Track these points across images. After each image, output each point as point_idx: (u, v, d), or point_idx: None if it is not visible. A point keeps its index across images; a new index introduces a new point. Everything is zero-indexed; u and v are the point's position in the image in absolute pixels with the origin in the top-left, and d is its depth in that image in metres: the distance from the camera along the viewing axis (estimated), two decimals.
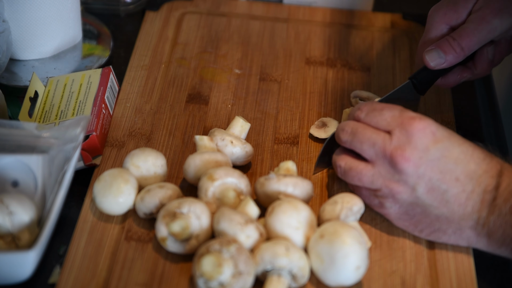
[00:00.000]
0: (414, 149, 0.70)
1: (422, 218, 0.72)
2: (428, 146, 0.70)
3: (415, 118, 0.71)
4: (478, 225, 0.70)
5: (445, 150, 0.71)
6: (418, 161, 0.70)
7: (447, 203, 0.71)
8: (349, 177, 0.74)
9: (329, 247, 0.67)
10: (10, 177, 0.76)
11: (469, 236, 0.72)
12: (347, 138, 0.74)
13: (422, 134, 0.71)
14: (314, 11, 1.05)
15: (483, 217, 0.70)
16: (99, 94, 0.85)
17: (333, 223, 0.69)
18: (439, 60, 0.80)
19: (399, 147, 0.71)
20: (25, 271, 0.68)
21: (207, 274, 0.66)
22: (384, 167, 0.72)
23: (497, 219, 0.69)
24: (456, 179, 0.70)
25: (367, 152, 0.72)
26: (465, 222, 0.71)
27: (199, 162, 0.76)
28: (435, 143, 0.71)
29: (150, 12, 1.03)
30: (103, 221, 0.75)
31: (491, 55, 0.83)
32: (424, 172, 0.70)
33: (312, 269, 0.69)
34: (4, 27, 0.89)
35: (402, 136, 0.71)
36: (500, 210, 0.69)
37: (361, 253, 0.68)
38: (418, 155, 0.70)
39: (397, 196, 0.72)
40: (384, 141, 0.72)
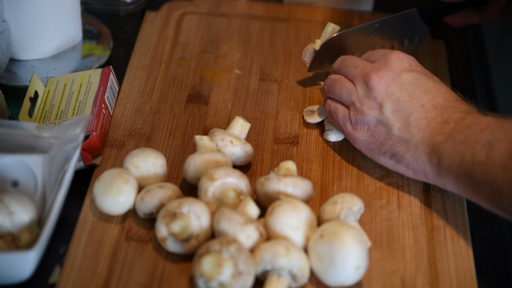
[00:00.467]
0: (389, 71, 0.77)
1: (385, 140, 0.76)
2: (402, 71, 0.77)
3: (398, 52, 0.78)
4: (433, 151, 0.73)
5: (417, 79, 0.77)
6: (389, 81, 0.77)
7: (408, 126, 0.75)
8: (332, 87, 0.81)
9: (329, 247, 0.67)
10: (10, 177, 0.76)
11: (424, 162, 0.74)
12: (337, 65, 0.83)
13: (400, 61, 0.77)
14: (314, 11, 1.05)
15: (438, 142, 0.73)
16: (99, 94, 0.85)
17: (333, 223, 0.69)
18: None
19: (376, 68, 0.78)
20: (25, 271, 0.68)
21: (207, 274, 0.66)
22: (361, 85, 0.78)
23: (449, 146, 0.72)
24: (422, 105, 0.75)
25: (350, 73, 0.80)
26: (421, 146, 0.74)
27: (199, 162, 0.76)
28: (409, 71, 0.77)
29: (150, 12, 1.03)
30: (103, 221, 0.75)
31: (504, 1, 0.85)
32: (393, 92, 0.76)
33: (312, 269, 0.69)
34: (4, 27, 0.89)
35: (382, 61, 0.78)
36: (454, 138, 0.72)
37: (361, 253, 0.68)
38: (391, 76, 0.77)
39: (366, 112, 0.77)
40: (366, 64, 0.80)
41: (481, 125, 0.71)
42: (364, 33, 0.88)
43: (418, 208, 0.78)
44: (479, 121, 0.71)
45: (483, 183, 0.69)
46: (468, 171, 0.70)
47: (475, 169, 0.69)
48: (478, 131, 0.70)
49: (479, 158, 0.69)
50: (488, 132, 0.70)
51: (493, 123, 0.70)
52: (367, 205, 0.78)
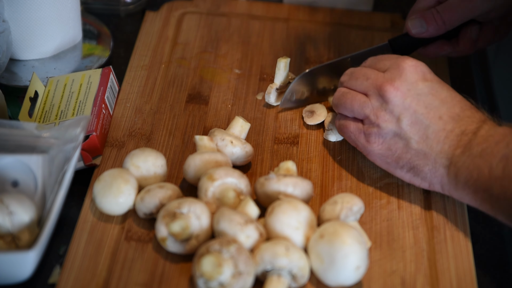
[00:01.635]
0: (404, 81, 0.75)
1: (403, 154, 0.75)
2: (418, 81, 0.75)
3: (409, 58, 0.77)
4: (451, 164, 0.73)
5: (432, 89, 0.75)
6: (406, 92, 0.75)
7: (427, 139, 0.74)
8: (343, 100, 0.78)
9: (329, 247, 0.67)
10: (10, 177, 0.76)
11: (442, 175, 0.74)
12: (346, 78, 0.80)
13: (414, 70, 0.75)
14: (314, 11, 1.05)
15: (456, 155, 0.72)
16: (99, 94, 0.85)
17: (333, 223, 0.69)
18: (420, 29, 0.84)
19: (390, 78, 0.75)
20: (25, 271, 0.68)
21: (207, 274, 0.66)
22: (375, 97, 0.76)
23: (467, 159, 0.71)
24: (439, 117, 0.74)
25: (361, 86, 0.78)
26: (440, 160, 0.73)
27: (199, 162, 0.76)
28: (424, 81, 0.75)
29: (150, 12, 1.03)
30: (103, 221, 0.75)
31: (474, 35, 0.86)
32: (410, 104, 0.74)
33: (312, 269, 0.69)
34: (4, 27, 0.89)
35: (395, 71, 0.76)
36: (471, 152, 0.71)
37: (361, 253, 0.68)
38: (406, 87, 0.75)
39: (382, 125, 0.75)
40: (378, 75, 0.77)
41: (496, 137, 0.70)
42: (336, 68, 0.86)
43: (418, 208, 0.78)
44: (494, 132, 0.71)
45: (500, 198, 0.69)
46: (485, 185, 0.70)
47: (492, 184, 0.69)
48: (493, 143, 0.70)
49: (496, 173, 0.69)
50: (503, 145, 0.69)
51: (508, 134, 0.70)
52: (367, 205, 0.78)
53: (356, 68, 0.80)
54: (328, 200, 0.74)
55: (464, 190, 0.72)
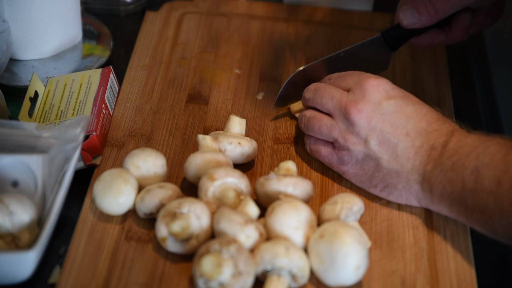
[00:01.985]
0: (367, 102, 0.75)
1: (375, 173, 0.75)
2: (381, 101, 0.75)
3: (371, 77, 0.76)
4: (424, 180, 0.73)
5: (397, 106, 0.75)
6: (370, 113, 0.75)
7: (397, 157, 0.74)
8: (311, 125, 0.79)
9: (329, 247, 0.67)
10: (10, 177, 0.76)
11: (417, 191, 0.74)
12: (310, 95, 0.80)
13: (376, 89, 0.75)
14: (314, 11, 1.05)
15: (428, 171, 0.72)
16: (99, 94, 0.85)
17: (333, 223, 0.69)
18: (412, 19, 0.83)
19: (353, 100, 0.75)
20: (25, 271, 0.68)
21: (207, 274, 0.66)
22: (341, 119, 0.76)
23: (439, 174, 0.71)
24: (407, 134, 0.74)
25: (326, 106, 0.78)
26: (412, 176, 0.73)
27: (200, 161, 0.76)
28: (387, 99, 0.75)
29: (150, 12, 1.03)
30: (103, 221, 0.75)
31: (467, 22, 0.85)
32: (376, 125, 0.74)
33: (312, 269, 0.69)
34: (4, 27, 0.89)
35: (357, 91, 0.76)
36: (442, 165, 0.71)
37: (361, 253, 0.68)
38: (370, 108, 0.75)
39: (351, 148, 0.76)
40: (342, 95, 0.77)
41: (466, 149, 0.70)
42: (329, 64, 0.86)
43: (418, 208, 0.78)
44: (463, 143, 0.71)
45: (475, 210, 0.69)
46: (460, 198, 0.70)
47: (466, 196, 0.69)
48: (464, 156, 0.70)
49: (469, 185, 0.69)
50: (473, 156, 0.69)
51: (478, 145, 0.70)
52: (367, 205, 0.78)
53: (321, 84, 0.80)
54: (328, 200, 0.74)
55: (440, 204, 0.73)
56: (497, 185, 0.67)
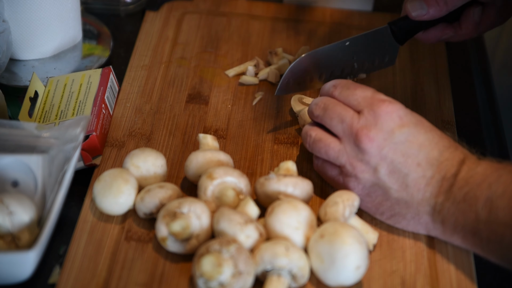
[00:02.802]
0: (380, 130, 0.72)
1: (383, 201, 0.73)
2: (394, 129, 0.72)
3: (385, 101, 0.73)
4: (435, 212, 0.71)
5: (410, 135, 0.72)
6: (382, 142, 0.72)
7: (407, 187, 0.72)
8: (317, 148, 0.76)
9: (329, 247, 0.67)
10: (10, 177, 0.76)
11: (427, 222, 0.72)
12: (319, 112, 0.76)
13: (389, 117, 0.72)
14: (314, 11, 1.05)
15: (439, 203, 0.71)
16: (99, 94, 0.85)
17: (333, 223, 0.69)
18: (421, 11, 0.81)
19: (365, 126, 0.72)
20: (25, 271, 0.68)
21: (207, 274, 0.66)
22: (350, 145, 0.73)
23: (451, 206, 0.70)
24: (418, 164, 0.71)
25: (336, 128, 0.74)
26: (422, 207, 0.72)
27: (201, 160, 0.76)
28: (400, 127, 0.72)
29: (150, 12, 1.03)
30: (103, 221, 0.75)
31: (477, 17, 0.83)
32: (387, 154, 0.72)
33: (312, 269, 0.69)
34: (4, 27, 0.89)
35: (370, 117, 0.73)
36: (454, 197, 0.70)
37: (361, 253, 0.68)
38: (382, 136, 0.72)
39: (359, 175, 0.73)
40: (352, 119, 0.73)
41: (477, 178, 0.69)
42: (334, 52, 0.84)
43: None
44: (474, 173, 0.69)
45: (490, 241, 0.68)
46: (474, 230, 0.69)
47: (481, 228, 0.68)
48: (475, 186, 0.68)
49: (483, 217, 0.67)
50: (486, 186, 0.68)
51: (489, 174, 0.69)
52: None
53: (330, 102, 0.76)
54: (326, 202, 0.74)
55: (452, 236, 0.71)
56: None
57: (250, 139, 0.85)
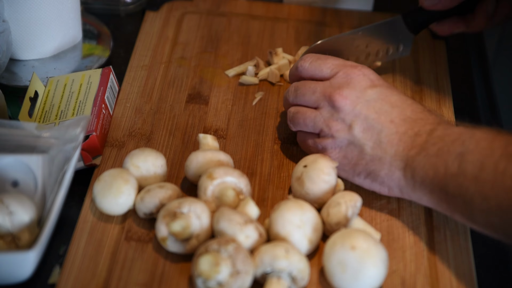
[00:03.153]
0: (353, 89, 0.75)
1: (359, 160, 0.75)
2: (366, 88, 0.75)
3: (357, 66, 0.76)
4: (406, 166, 0.72)
5: (382, 94, 0.75)
6: (355, 99, 0.75)
7: (380, 143, 0.73)
8: (296, 121, 0.79)
9: (359, 263, 0.67)
10: (10, 177, 0.76)
11: (399, 178, 0.73)
12: (291, 96, 0.80)
13: (361, 78, 0.76)
14: (314, 11, 1.05)
15: (411, 156, 0.72)
16: (99, 94, 0.85)
17: (367, 239, 0.68)
18: (433, 0, 0.82)
19: (338, 87, 0.75)
20: (25, 271, 0.68)
21: (205, 274, 0.66)
22: (325, 108, 0.76)
23: (422, 159, 0.71)
24: (391, 121, 0.74)
25: (310, 100, 0.77)
26: (395, 162, 0.73)
27: (201, 159, 0.76)
28: (373, 87, 0.75)
29: (150, 12, 1.03)
30: (103, 221, 0.75)
31: (491, 9, 0.83)
32: (361, 111, 0.74)
33: (325, 270, 0.69)
34: (4, 27, 0.89)
35: (342, 79, 0.76)
36: (426, 151, 0.71)
37: (383, 275, 0.68)
38: (355, 94, 0.75)
39: (335, 135, 0.75)
40: (324, 86, 0.77)
41: (452, 136, 0.70)
42: (347, 40, 0.85)
43: (418, 208, 0.78)
44: (450, 132, 0.71)
45: (455, 196, 0.68)
46: (442, 184, 0.69)
47: (448, 181, 0.69)
48: (449, 142, 0.70)
49: (452, 170, 0.68)
50: (459, 143, 0.69)
51: (464, 133, 0.70)
52: (367, 205, 0.78)
53: (299, 82, 0.79)
54: (328, 203, 0.74)
55: (421, 190, 0.72)
56: (480, 169, 0.66)
57: (250, 139, 0.85)
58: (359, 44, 0.85)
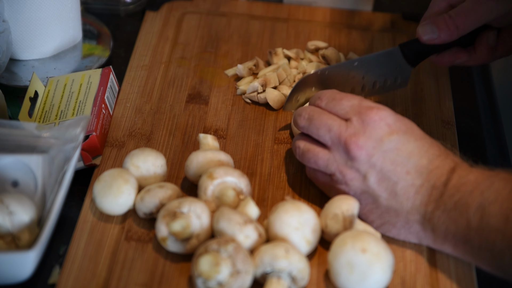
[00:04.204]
0: (369, 138, 0.72)
1: (373, 209, 0.73)
2: (383, 137, 0.72)
3: (373, 108, 0.73)
4: (425, 220, 0.71)
5: (398, 143, 0.72)
6: (371, 150, 0.72)
7: (396, 196, 0.71)
8: (306, 159, 0.76)
9: (368, 267, 0.67)
10: (10, 177, 0.76)
11: (417, 230, 0.72)
12: (304, 123, 0.76)
13: (378, 125, 0.72)
14: (314, 11, 1.05)
15: (429, 211, 0.70)
16: (99, 94, 0.85)
17: (378, 243, 0.68)
18: (431, 35, 0.80)
19: (354, 134, 0.72)
20: (25, 271, 0.68)
21: (205, 274, 0.66)
22: (339, 153, 0.73)
23: (442, 214, 0.69)
24: (407, 172, 0.71)
25: (323, 138, 0.74)
26: (412, 216, 0.71)
27: (202, 159, 0.76)
28: (389, 135, 0.72)
29: (150, 12, 1.03)
30: (103, 221, 0.75)
31: (492, 41, 0.82)
32: (376, 162, 0.72)
33: (331, 269, 0.69)
34: (4, 27, 0.89)
35: (358, 125, 0.72)
36: (445, 205, 0.69)
37: (389, 280, 0.68)
38: (371, 144, 0.72)
39: (349, 183, 0.73)
40: (340, 127, 0.73)
41: (469, 186, 0.68)
42: (343, 70, 0.83)
43: None
44: (466, 180, 0.69)
45: (482, 249, 0.67)
46: (465, 238, 0.68)
47: (472, 235, 0.67)
48: (467, 193, 0.68)
49: (474, 224, 0.67)
50: (478, 193, 0.67)
51: (481, 182, 0.68)
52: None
53: (315, 111, 0.76)
54: (325, 213, 0.73)
55: (443, 244, 0.71)
56: (504, 222, 0.65)
57: (250, 139, 0.85)
58: (355, 75, 0.83)
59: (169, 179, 0.80)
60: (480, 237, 0.67)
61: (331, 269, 0.69)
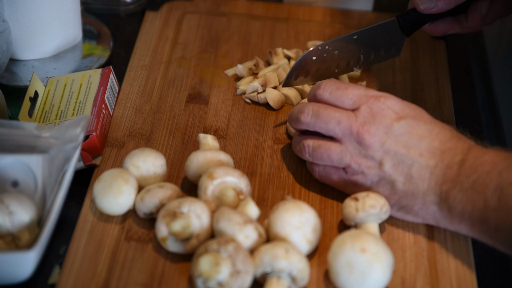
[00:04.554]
0: (379, 125, 0.73)
1: (391, 195, 0.73)
2: (392, 123, 0.73)
3: (380, 97, 0.74)
4: (441, 200, 0.71)
5: (409, 127, 0.73)
6: (383, 136, 0.73)
7: (411, 178, 0.72)
8: (318, 155, 0.76)
9: (367, 267, 0.67)
10: (10, 177, 0.76)
11: (434, 211, 0.72)
12: (310, 119, 0.76)
13: (386, 112, 0.73)
14: (314, 11, 1.05)
15: (445, 191, 0.71)
16: (99, 94, 0.85)
17: (377, 243, 0.68)
18: (429, 4, 0.81)
19: (364, 123, 0.73)
20: (25, 271, 0.68)
21: (205, 274, 0.66)
22: (352, 144, 0.74)
23: (458, 193, 0.70)
24: (420, 154, 0.72)
25: (333, 131, 0.74)
26: (428, 197, 0.72)
27: (202, 159, 0.76)
28: (399, 120, 0.73)
29: (150, 12, 1.03)
30: (103, 221, 0.75)
31: (484, 10, 0.83)
32: (390, 147, 0.72)
33: (330, 269, 0.69)
34: (4, 27, 0.89)
35: (367, 114, 0.73)
36: (461, 185, 0.69)
37: (388, 280, 0.68)
38: (383, 130, 0.73)
39: (366, 172, 0.74)
40: (349, 118, 0.74)
41: (486, 166, 0.69)
42: (342, 45, 0.84)
43: None
44: (482, 161, 0.69)
45: (498, 229, 0.67)
46: (482, 217, 0.68)
47: (489, 215, 0.68)
48: (484, 173, 0.68)
49: (492, 204, 0.67)
50: (495, 174, 0.68)
51: (498, 162, 0.68)
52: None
53: (320, 107, 0.75)
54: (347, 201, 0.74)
55: (460, 224, 0.71)
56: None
57: (250, 139, 0.85)
58: (352, 48, 0.84)
59: (169, 179, 0.80)
60: (497, 218, 0.67)
61: (331, 269, 0.69)
